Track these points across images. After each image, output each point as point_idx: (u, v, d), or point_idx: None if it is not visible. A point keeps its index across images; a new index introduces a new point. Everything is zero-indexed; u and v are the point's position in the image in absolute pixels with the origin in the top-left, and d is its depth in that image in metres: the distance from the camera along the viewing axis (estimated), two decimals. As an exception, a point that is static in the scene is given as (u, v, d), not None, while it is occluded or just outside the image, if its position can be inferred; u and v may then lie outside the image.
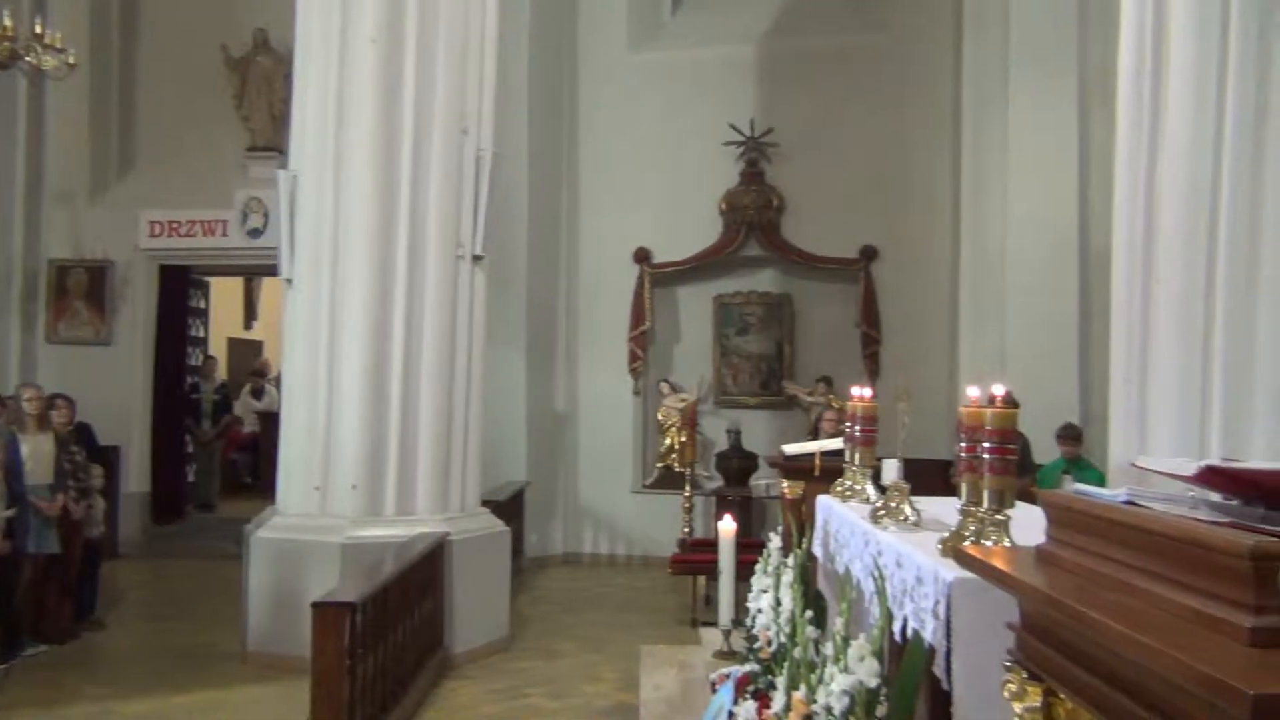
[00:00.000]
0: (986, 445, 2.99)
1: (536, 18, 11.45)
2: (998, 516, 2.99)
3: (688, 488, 10.56)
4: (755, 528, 10.12)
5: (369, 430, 7.36)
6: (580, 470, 11.96)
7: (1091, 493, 1.89)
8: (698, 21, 12.02)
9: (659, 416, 11.78)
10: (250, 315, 17.44)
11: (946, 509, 3.72)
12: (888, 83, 11.36)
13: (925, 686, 3.03)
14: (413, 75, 7.46)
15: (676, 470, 11.19)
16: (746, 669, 5.03)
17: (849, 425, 4.82)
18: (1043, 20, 10.06)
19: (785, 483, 6.27)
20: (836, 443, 5.51)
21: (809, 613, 4.22)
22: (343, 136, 7.44)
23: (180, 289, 12.51)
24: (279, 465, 7.81)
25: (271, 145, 11.35)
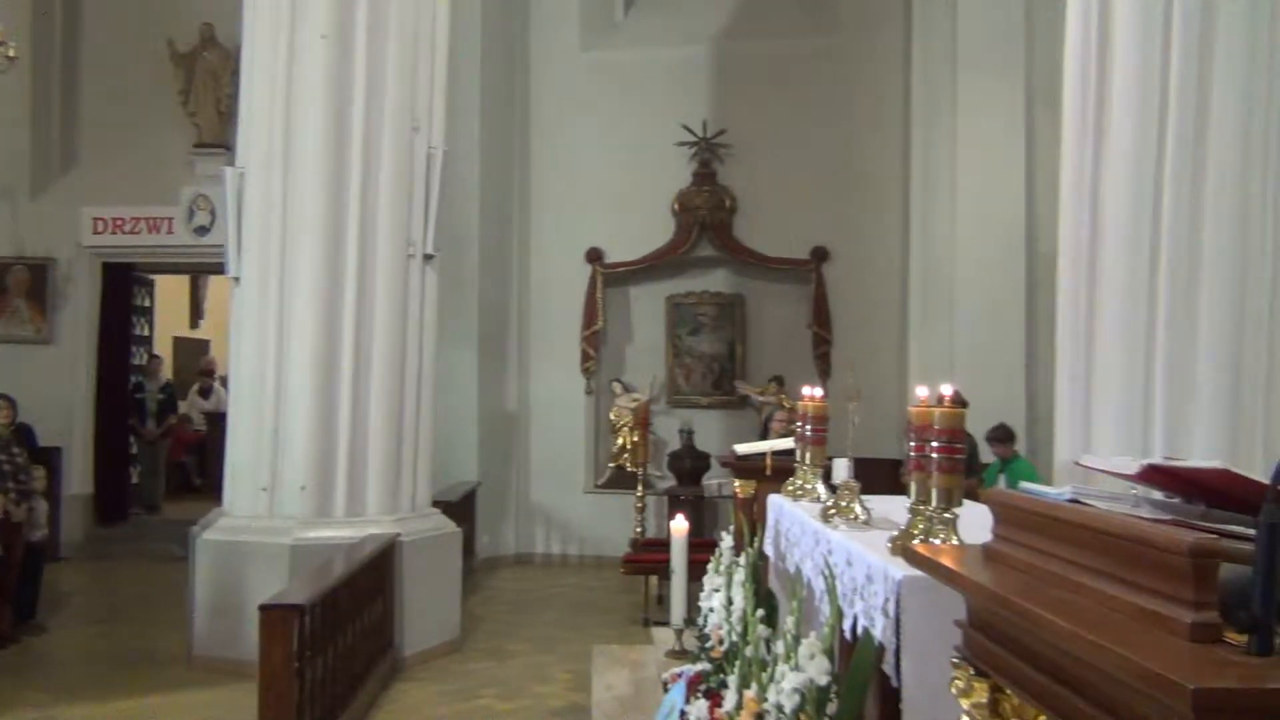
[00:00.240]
0: (935, 444, 3.02)
1: (488, 16, 11.40)
2: (946, 515, 3.02)
3: (640, 487, 10.57)
4: (707, 527, 10.16)
5: (318, 431, 7.29)
6: (532, 470, 11.92)
7: (1037, 491, 1.91)
8: (650, 22, 12.02)
9: (611, 416, 11.77)
10: (197, 314, 17.20)
11: (896, 507, 3.75)
12: (839, 85, 11.45)
13: (875, 684, 3.05)
14: (363, 72, 7.39)
15: (629, 470, 11.20)
16: (698, 668, 5.04)
17: (800, 425, 4.85)
18: (989, 23, 10.19)
19: (737, 482, 6.29)
20: (788, 442, 5.53)
21: (760, 611, 4.24)
22: (291, 133, 7.36)
23: (124, 287, 12.30)
24: (226, 466, 7.71)
25: (218, 141, 11.21)
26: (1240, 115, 6.06)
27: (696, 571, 5.91)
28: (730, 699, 4.11)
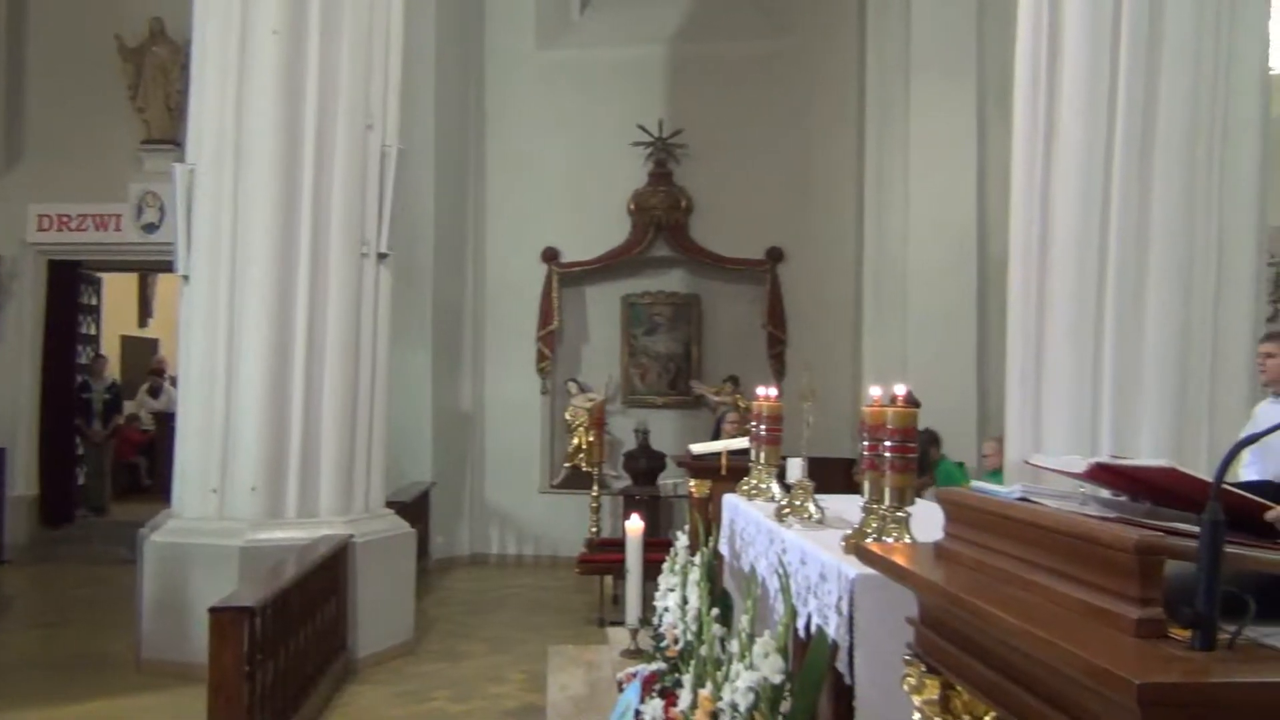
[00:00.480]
0: (888, 444, 3.04)
1: (443, 13, 11.32)
2: (899, 514, 3.04)
3: (595, 487, 10.56)
4: (662, 527, 10.16)
5: (269, 431, 7.21)
6: (487, 470, 11.86)
7: (987, 490, 1.94)
8: (606, 21, 12.01)
9: (566, 416, 11.75)
10: (145, 312, 16.93)
11: (850, 506, 3.78)
12: (794, 86, 11.51)
13: (828, 682, 3.06)
14: (316, 68, 7.31)
15: (584, 470, 11.18)
16: (653, 667, 5.05)
17: (755, 424, 4.87)
18: (941, 25, 10.28)
19: (692, 482, 6.31)
20: (743, 442, 5.55)
21: (715, 611, 4.26)
22: (242, 130, 7.26)
23: (70, 285, 12.09)
24: (174, 467, 7.60)
25: (168, 138, 11.05)
26: (1187, 119, 6.17)
27: (652, 571, 5.91)
28: (685, 698, 4.12)
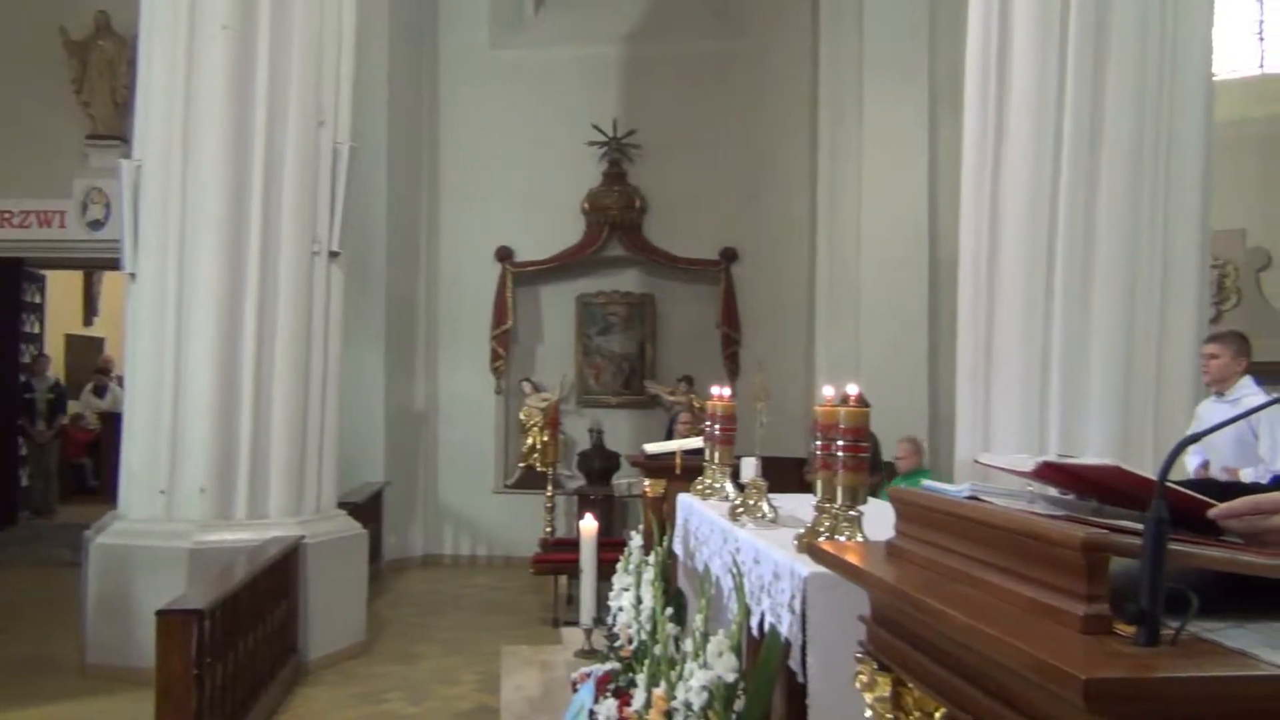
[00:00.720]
0: (840, 443, 3.06)
1: (396, 10, 11.24)
2: (851, 513, 3.06)
3: (550, 487, 10.54)
4: (617, 526, 10.16)
5: (218, 431, 7.11)
6: (440, 470, 11.80)
7: (937, 488, 1.95)
8: (561, 20, 11.99)
9: (521, 416, 11.72)
10: (91, 311, 16.62)
11: (803, 505, 3.80)
12: (748, 87, 11.57)
13: (781, 680, 3.08)
14: (266, 63, 7.23)
15: (538, 470, 11.15)
16: (607, 667, 5.05)
17: (709, 424, 4.88)
18: (894, 28, 10.39)
19: (647, 481, 6.31)
20: (697, 442, 5.57)
21: (669, 610, 4.26)
22: (191, 125, 7.16)
23: (13, 283, 11.87)
24: (121, 468, 7.48)
25: (114, 133, 10.86)
26: (1133, 123, 6.28)
27: (606, 571, 5.91)
28: (639, 697, 4.12)
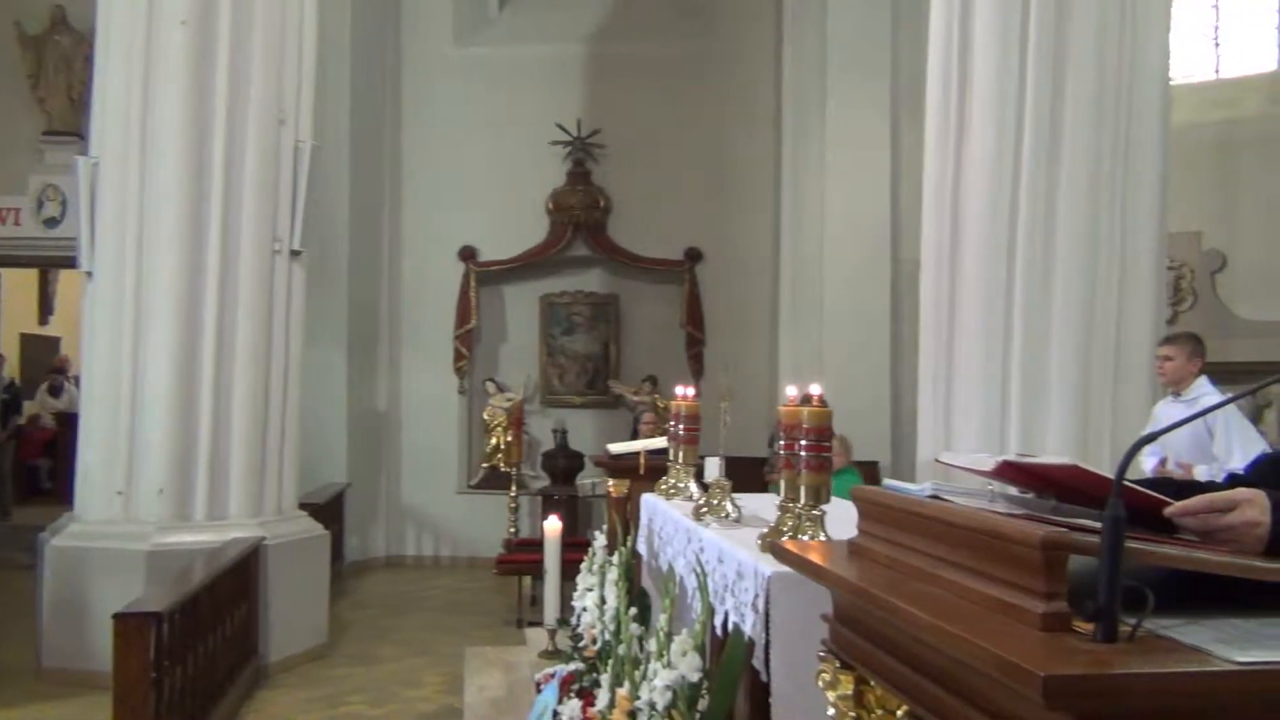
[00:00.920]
0: (803, 443, 3.07)
1: (358, 7, 11.15)
2: (814, 512, 3.07)
3: (513, 487, 10.51)
4: (581, 527, 10.15)
5: (177, 431, 7.03)
6: (403, 471, 11.73)
7: (899, 487, 1.96)
8: (524, 18, 11.95)
9: (484, 416, 11.68)
10: (46, 309, 16.37)
11: (767, 505, 3.81)
12: (713, 87, 11.59)
13: (745, 679, 3.09)
14: (226, 60, 7.14)
15: (502, 470, 11.12)
16: (571, 668, 5.04)
17: (673, 424, 4.88)
18: (857, 31, 10.45)
19: (611, 481, 6.30)
20: (661, 442, 5.57)
21: (633, 610, 4.26)
22: (149, 122, 7.07)
23: (-34, 281, 11.65)
24: (77, 468, 7.37)
25: (70, 129, 10.69)
26: (1091, 127, 6.36)
27: (570, 571, 5.90)
28: (603, 698, 4.12)
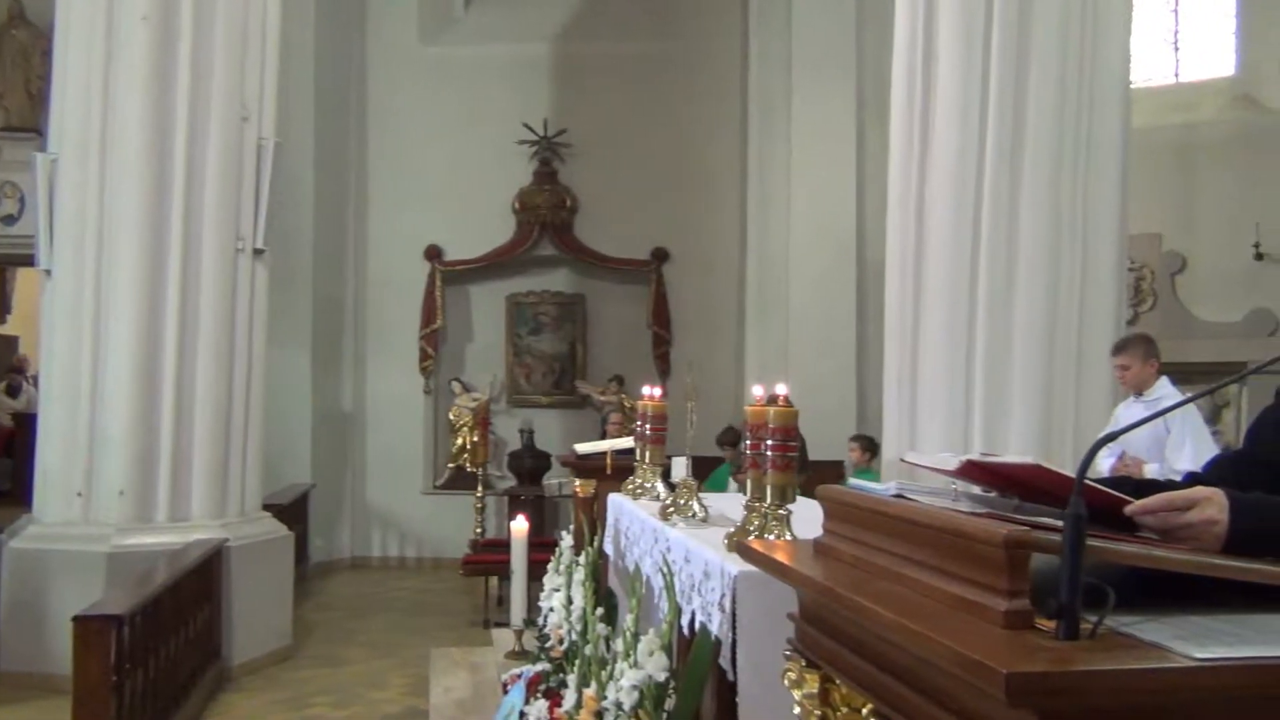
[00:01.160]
0: (769, 443, 3.08)
1: (322, 3, 11.06)
2: (780, 511, 3.08)
3: (480, 488, 10.48)
4: (548, 527, 10.13)
5: (138, 432, 6.95)
6: (369, 471, 11.66)
7: (864, 487, 1.98)
8: (491, 17, 11.91)
9: (450, 416, 11.63)
10: (4, 308, 16.14)
11: (733, 505, 3.82)
12: (679, 87, 11.61)
13: (712, 678, 3.09)
14: (188, 56, 7.06)
15: (468, 470, 11.08)
16: (538, 668, 5.03)
17: (639, 424, 4.88)
18: (822, 32, 10.51)
19: (577, 481, 6.29)
20: (628, 441, 5.57)
21: (600, 610, 4.26)
22: (109, 119, 6.99)
23: (-79, 279, 11.46)
24: (36, 470, 7.28)
25: (28, 125, 10.55)
26: (1053, 129, 6.43)
27: (537, 571, 5.89)
28: (570, 698, 4.12)
